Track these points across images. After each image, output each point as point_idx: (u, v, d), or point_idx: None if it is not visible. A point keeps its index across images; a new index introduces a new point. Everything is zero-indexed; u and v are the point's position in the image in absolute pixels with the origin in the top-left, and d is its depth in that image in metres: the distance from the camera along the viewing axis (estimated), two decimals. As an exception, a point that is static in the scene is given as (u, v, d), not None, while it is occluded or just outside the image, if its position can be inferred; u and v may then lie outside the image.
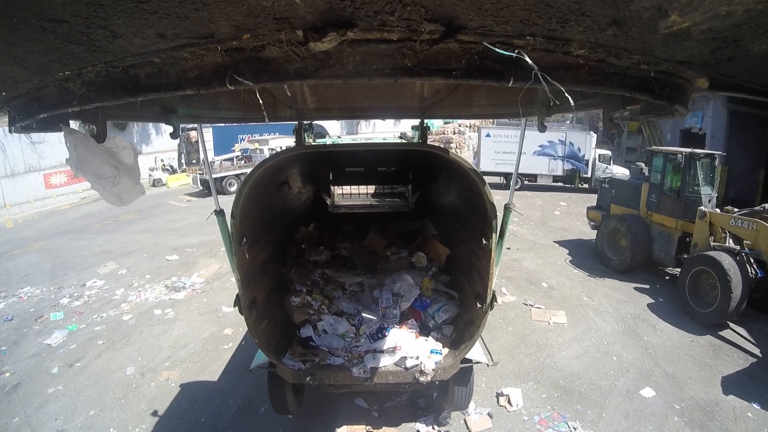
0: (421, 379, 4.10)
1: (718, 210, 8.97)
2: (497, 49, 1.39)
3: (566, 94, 1.45)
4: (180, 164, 24.39)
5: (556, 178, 20.84)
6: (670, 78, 1.74)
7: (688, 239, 9.16)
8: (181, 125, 3.69)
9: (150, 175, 23.52)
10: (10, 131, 2.23)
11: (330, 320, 4.77)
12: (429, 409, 5.56)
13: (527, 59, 1.39)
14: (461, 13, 1.28)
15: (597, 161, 20.08)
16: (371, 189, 8.51)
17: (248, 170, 6.02)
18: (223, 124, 18.59)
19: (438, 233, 6.46)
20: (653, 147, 12.70)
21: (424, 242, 6.46)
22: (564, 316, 8.16)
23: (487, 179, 3.94)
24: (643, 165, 11.57)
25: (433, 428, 5.25)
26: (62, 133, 2.27)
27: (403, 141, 6.75)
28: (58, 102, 1.75)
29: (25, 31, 1.28)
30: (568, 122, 23.49)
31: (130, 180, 2.63)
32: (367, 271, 6.01)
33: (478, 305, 4.07)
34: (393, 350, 4.32)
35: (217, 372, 6.51)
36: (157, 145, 25.86)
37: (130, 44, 1.41)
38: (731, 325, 7.83)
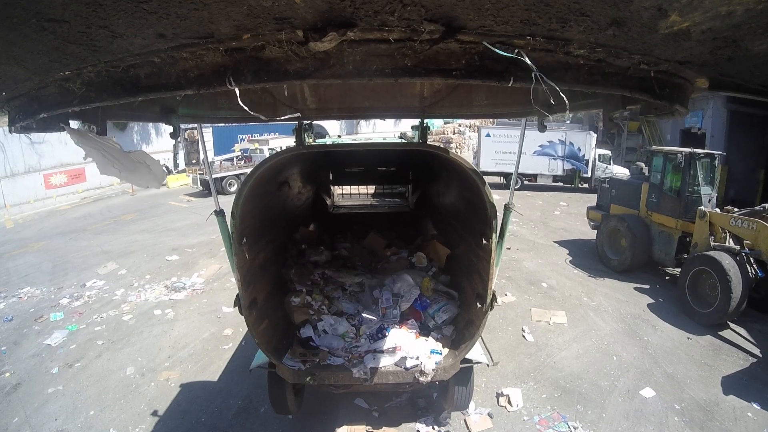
0: (421, 379, 4.10)
1: (718, 210, 8.97)
2: (497, 50, 1.39)
3: (562, 95, 1.44)
4: (175, 164, 24.10)
5: (556, 178, 20.84)
6: (670, 78, 1.74)
7: (688, 239, 9.16)
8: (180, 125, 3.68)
9: None
10: (10, 131, 2.23)
11: (330, 320, 4.77)
12: (429, 409, 5.56)
13: (526, 59, 1.39)
14: (461, 13, 1.28)
15: (597, 161, 20.08)
16: (371, 189, 8.51)
17: (248, 170, 6.03)
18: (223, 124, 18.58)
19: (438, 233, 6.46)
20: (653, 147, 12.69)
21: (424, 242, 6.46)
22: (564, 316, 8.16)
23: (487, 179, 3.94)
24: (643, 165, 11.58)
25: (433, 428, 5.25)
26: (66, 133, 2.28)
27: (403, 141, 6.74)
28: (58, 102, 1.75)
29: (25, 31, 1.28)
30: (568, 122, 23.48)
31: (151, 174, 2.75)
32: (367, 271, 6.01)
33: (478, 305, 4.07)
34: (393, 350, 4.31)
35: (217, 372, 6.51)
36: (157, 146, 25.84)
37: (130, 44, 1.41)
38: (731, 325, 7.83)
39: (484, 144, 21.15)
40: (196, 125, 6.96)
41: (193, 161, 22.38)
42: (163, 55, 1.49)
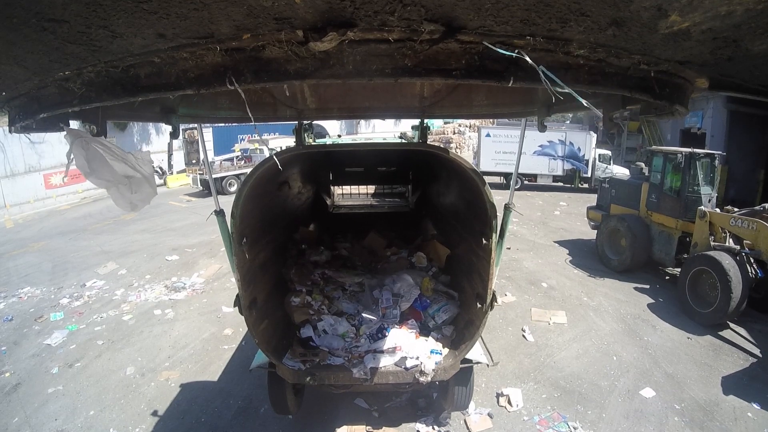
0: (421, 379, 4.10)
1: (718, 210, 8.98)
2: (498, 49, 1.39)
3: (574, 93, 1.44)
4: (170, 166, 23.91)
5: (556, 178, 20.84)
6: (670, 78, 1.74)
7: (688, 239, 9.16)
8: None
9: None
10: (10, 131, 2.23)
11: (330, 320, 4.77)
12: (429, 409, 5.56)
13: (527, 58, 1.39)
14: (461, 13, 1.28)
15: (597, 161, 20.08)
16: (371, 189, 8.51)
17: (248, 170, 6.03)
18: (223, 124, 18.56)
19: (438, 233, 6.46)
20: (653, 147, 12.69)
21: (424, 242, 6.46)
22: (564, 316, 8.16)
23: (487, 179, 3.94)
24: (643, 165, 11.57)
25: (433, 428, 5.25)
26: (63, 135, 2.27)
27: (403, 141, 6.74)
28: (58, 102, 1.75)
29: (25, 31, 1.28)
30: (568, 122, 23.48)
31: (146, 186, 2.67)
32: (367, 271, 6.01)
33: (478, 305, 4.07)
34: (393, 350, 4.31)
35: (217, 372, 6.51)
36: (157, 146, 25.80)
37: (130, 44, 1.41)
38: (731, 325, 7.83)
39: (484, 144, 21.15)
40: (196, 125, 6.97)
41: (193, 161, 22.34)
42: (163, 55, 1.49)
